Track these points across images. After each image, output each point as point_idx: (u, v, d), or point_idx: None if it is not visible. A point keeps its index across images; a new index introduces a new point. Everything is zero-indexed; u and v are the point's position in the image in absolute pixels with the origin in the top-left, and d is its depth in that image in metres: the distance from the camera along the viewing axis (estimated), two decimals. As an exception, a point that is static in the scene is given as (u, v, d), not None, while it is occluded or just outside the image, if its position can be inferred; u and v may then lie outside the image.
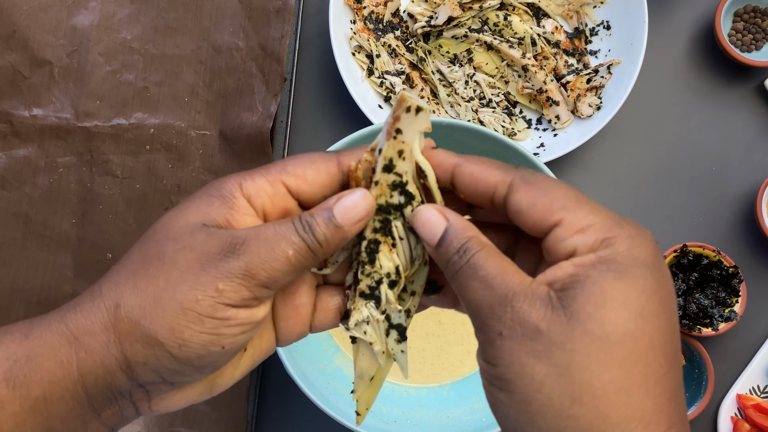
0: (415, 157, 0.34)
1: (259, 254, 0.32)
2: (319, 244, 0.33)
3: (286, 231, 0.33)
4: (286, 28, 0.67)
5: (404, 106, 0.32)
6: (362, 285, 0.35)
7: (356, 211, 0.34)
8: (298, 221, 0.33)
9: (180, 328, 0.32)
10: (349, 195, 0.34)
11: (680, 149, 0.71)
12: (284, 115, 0.69)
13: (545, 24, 0.70)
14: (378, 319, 0.36)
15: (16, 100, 0.67)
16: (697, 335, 0.64)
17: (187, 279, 0.32)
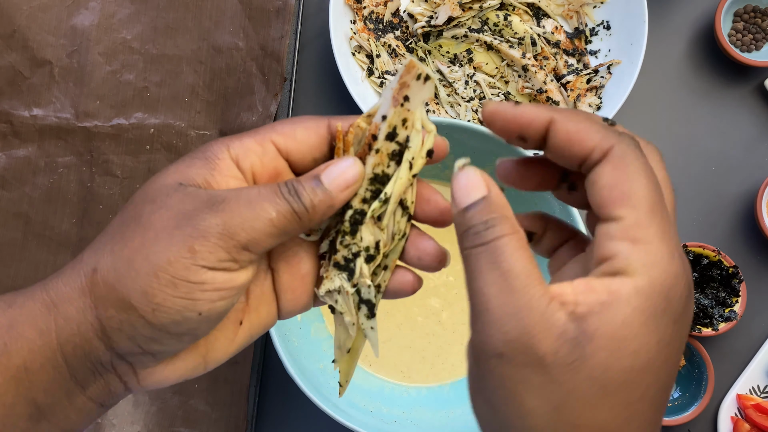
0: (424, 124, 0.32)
1: (239, 213, 0.31)
2: (305, 209, 0.32)
3: (269, 193, 0.32)
4: (286, 28, 0.67)
5: (414, 74, 0.31)
6: (338, 255, 0.34)
7: (344, 178, 0.32)
8: (284, 185, 0.32)
9: (153, 291, 0.30)
10: (339, 162, 0.33)
11: (680, 149, 0.71)
12: (284, 115, 0.69)
13: (545, 24, 0.70)
14: (348, 291, 0.34)
15: (16, 100, 0.67)
16: (697, 335, 0.64)
17: (161, 239, 0.31)
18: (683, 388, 0.67)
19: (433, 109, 0.69)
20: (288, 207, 0.31)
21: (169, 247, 0.30)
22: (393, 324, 0.64)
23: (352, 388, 0.60)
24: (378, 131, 0.32)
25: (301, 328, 0.60)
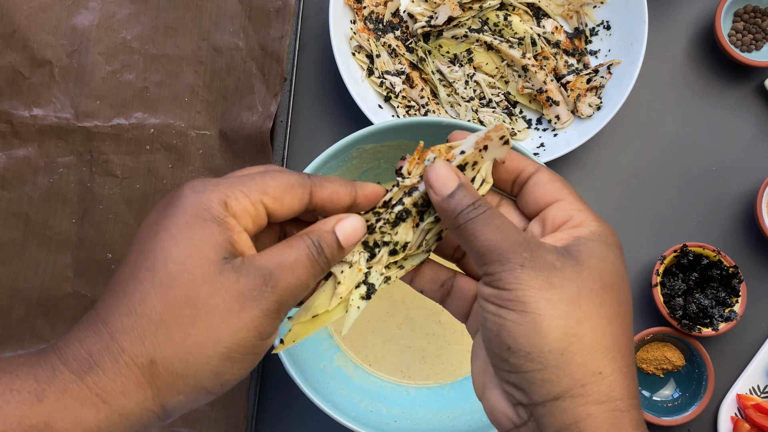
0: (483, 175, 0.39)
1: (288, 286, 0.34)
2: (328, 264, 0.37)
3: (302, 256, 0.35)
4: (286, 28, 0.67)
5: (499, 134, 0.38)
6: (371, 237, 0.39)
7: (356, 236, 0.38)
8: (312, 244, 0.36)
9: (224, 371, 0.33)
10: (348, 219, 0.38)
11: (680, 149, 0.71)
12: (284, 115, 0.69)
13: (545, 24, 0.70)
14: (361, 268, 0.39)
15: (16, 100, 0.67)
16: (697, 335, 0.64)
17: (230, 322, 0.33)
18: (683, 388, 0.67)
19: (433, 109, 0.69)
20: (318, 268, 0.36)
21: (239, 330, 0.33)
22: (393, 324, 0.64)
23: (352, 388, 0.60)
24: (452, 159, 0.38)
25: (301, 328, 0.60)
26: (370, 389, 0.61)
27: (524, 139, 0.69)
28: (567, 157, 0.70)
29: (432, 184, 0.37)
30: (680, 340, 0.66)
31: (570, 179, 0.70)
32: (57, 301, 0.65)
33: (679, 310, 0.64)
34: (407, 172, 0.40)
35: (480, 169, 0.39)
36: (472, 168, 0.38)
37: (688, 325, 0.64)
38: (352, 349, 0.63)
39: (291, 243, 0.36)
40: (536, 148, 0.68)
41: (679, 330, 0.65)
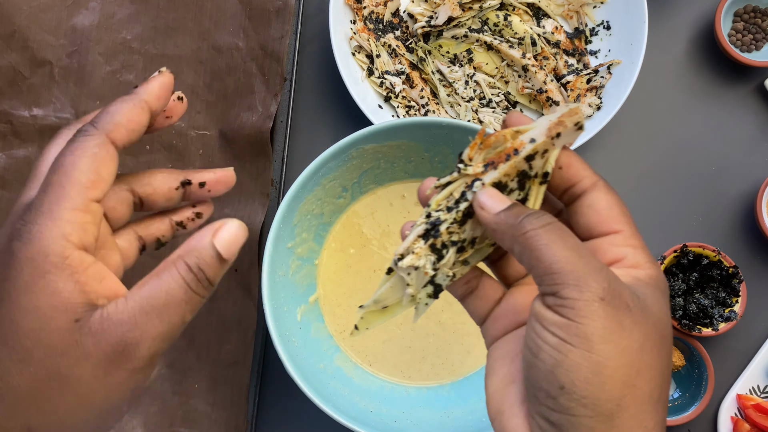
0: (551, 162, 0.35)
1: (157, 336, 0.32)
2: (212, 286, 0.34)
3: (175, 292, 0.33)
4: (286, 28, 0.67)
5: (574, 120, 0.34)
6: (439, 240, 0.36)
7: (238, 242, 0.35)
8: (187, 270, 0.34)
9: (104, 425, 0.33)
10: (225, 227, 0.35)
11: (680, 149, 0.71)
12: (284, 115, 0.69)
13: (545, 24, 0.70)
14: (428, 272, 0.36)
15: (16, 100, 0.67)
16: (697, 335, 0.64)
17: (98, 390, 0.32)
18: (683, 388, 0.67)
19: (433, 109, 0.69)
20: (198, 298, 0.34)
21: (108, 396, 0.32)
22: (393, 324, 0.64)
23: (352, 388, 0.60)
24: (522, 148, 0.34)
25: (301, 328, 0.60)
26: (370, 389, 0.61)
27: (524, 139, 0.69)
28: (567, 157, 0.70)
29: (485, 202, 0.34)
30: (680, 340, 0.66)
31: (570, 179, 0.70)
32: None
33: (679, 310, 0.64)
34: (468, 159, 0.36)
35: (550, 157, 0.35)
36: (542, 157, 0.35)
37: (688, 325, 0.64)
38: (352, 349, 0.63)
39: (161, 275, 0.33)
40: (536, 148, 0.68)
41: (679, 330, 0.65)
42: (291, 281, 0.60)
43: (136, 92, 0.38)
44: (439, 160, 0.61)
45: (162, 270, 0.34)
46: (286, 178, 0.69)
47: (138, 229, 0.42)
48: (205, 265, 0.34)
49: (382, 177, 0.63)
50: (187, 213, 0.42)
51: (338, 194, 0.62)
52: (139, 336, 0.32)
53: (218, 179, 0.41)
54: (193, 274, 0.34)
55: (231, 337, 0.65)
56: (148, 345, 0.32)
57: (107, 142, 0.35)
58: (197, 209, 0.43)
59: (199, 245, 0.34)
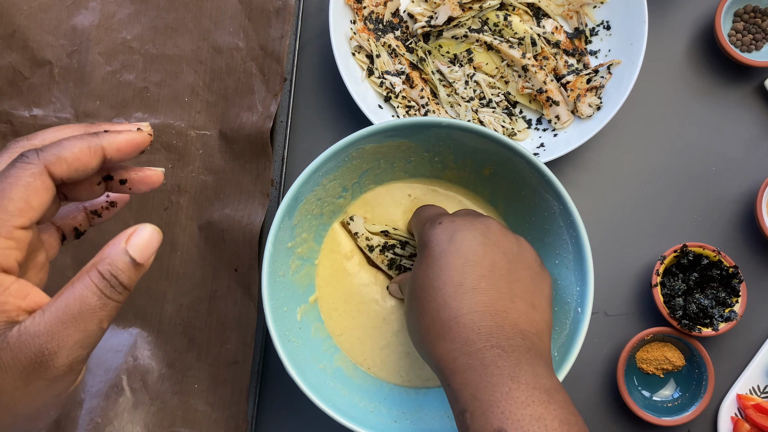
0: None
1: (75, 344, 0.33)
2: (127, 290, 0.35)
3: (89, 300, 0.34)
4: (286, 28, 0.67)
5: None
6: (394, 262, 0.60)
7: (152, 246, 0.36)
8: (100, 278, 0.34)
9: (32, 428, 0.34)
10: (138, 232, 0.36)
11: (680, 149, 0.71)
12: (284, 115, 0.69)
13: (545, 24, 0.70)
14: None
15: (16, 100, 0.67)
16: (697, 335, 0.64)
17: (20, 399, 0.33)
18: (683, 388, 0.67)
19: (433, 109, 0.69)
20: (114, 304, 0.35)
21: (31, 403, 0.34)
22: (389, 331, 0.64)
23: (352, 388, 0.60)
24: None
25: (301, 328, 0.60)
26: (370, 389, 0.61)
27: (524, 139, 0.69)
28: (567, 157, 0.70)
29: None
30: (680, 340, 0.66)
31: (570, 179, 0.70)
32: (57, 301, 0.65)
33: (679, 310, 0.64)
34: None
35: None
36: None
37: (688, 325, 0.64)
38: (351, 354, 0.63)
39: (75, 284, 0.34)
40: (536, 148, 0.68)
41: (679, 330, 0.65)
42: (291, 281, 0.60)
43: (99, 135, 0.38)
44: (439, 160, 0.61)
45: (76, 279, 0.35)
46: (286, 178, 0.69)
47: (55, 220, 0.43)
48: (118, 271, 0.35)
49: (382, 177, 0.63)
50: (100, 202, 0.43)
51: (338, 194, 0.62)
52: (56, 346, 0.33)
53: (141, 179, 0.42)
54: (106, 281, 0.34)
55: (231, 337, 0.65)
56: (66, 354, 0.33)
57: (44, 174, 0.36)
58: (111, 199, 0.44)
59: (112, 252, 0.36)
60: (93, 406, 0.64)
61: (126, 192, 0.42)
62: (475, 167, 0.61)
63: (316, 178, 0.57)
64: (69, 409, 0.64)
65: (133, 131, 0.40)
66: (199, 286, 0.66)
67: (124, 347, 0.65)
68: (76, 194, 0.41)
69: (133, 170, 0.42)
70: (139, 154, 0.41)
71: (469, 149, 0.59)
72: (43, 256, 0.40)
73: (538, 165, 0.55)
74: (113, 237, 0.69)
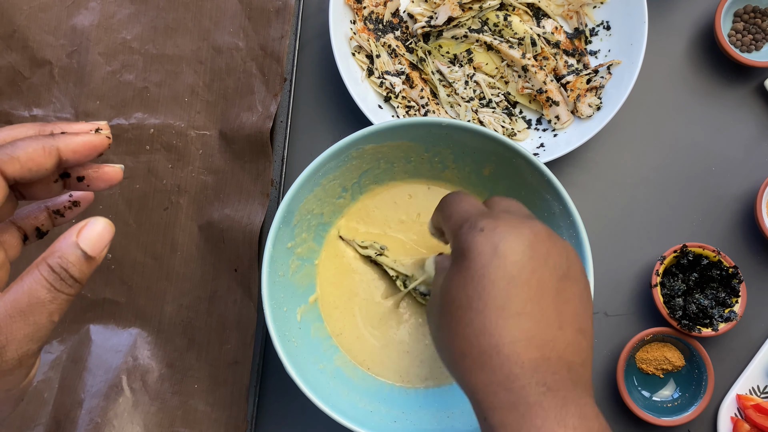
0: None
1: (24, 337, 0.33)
2: (78, 283, 0.35)
3: (39, 293, 0.34)
4: (286, 28, 0.67)
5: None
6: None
7: (104, 239, 0.36)
8: (49, 271, 0.34)
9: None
10: (89, 225, 0.36)
11: (680, 149, 0.71)
12: (284, 115, 0.69)
13: (545, 24, 0.70)
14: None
15: (16, 100, 0.67)
16: (697, 335, 0.64)
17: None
18: (683, 389, 0.67)
19: (433, 109, 0.69)
20: (65, 296, 0.34)
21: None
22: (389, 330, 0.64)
23: (351, 388, 0.60)
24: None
25: (301, 328, 0.60)
26: (370, 389, 0.61)
27: (524, 139, 0.69)
28: (567, 157, 0.70)
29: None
30: (680, 341, 0.66)
31: (570, 179, 0.70)
32: (57, 301, 0.65)
33: (679, 310, 0.64)
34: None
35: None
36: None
37: (688, 325, 0.64)
38: (350, 353, 0.63)
39: (24, 278, 0.34)
40: (536, 148, 0.68)
41: (679, 330, 0.65)
42: (291, 281, 0.60)
43: (55, 137, 0.38)
44: (439, 160, 0.61)
45: (26, 273, 0.35)
46: (286, 178, 0.69)
47: (16, 220, 0.42)
48: (68, 264, 0.35)
49: (382, 177, 0.63)
50: (62, 201, 0.43)
51: (338, 194, 0.62)
52: (4, 340, 0.33)
53: (99, 176, 0.41)
54: (56, 274, 0.34)
55: (231, 337, 0.65)
56: (15, 347, 0.33)
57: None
58: (74, 198, 0.43)
59: (63, 245, 0.35)
60: (93, 406, 0.64)
61: (84, 189, 0.41)
62: (475, 167, 0.61)
63: (316, 178, 0.57)
64: (69, 409, 0.64)
65: (91, 134, 0.39)
66: (199, 286, 0.66)
67: (124, 347, 0.65)
68: (34, 193, 0.40)
69: (91, 167, 0.41)
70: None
71: (469, 149, 0.59)
72: (0, 255, 0.40)
73: (538, 165, 0.55)
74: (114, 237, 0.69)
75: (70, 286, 0.35)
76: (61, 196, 0.43)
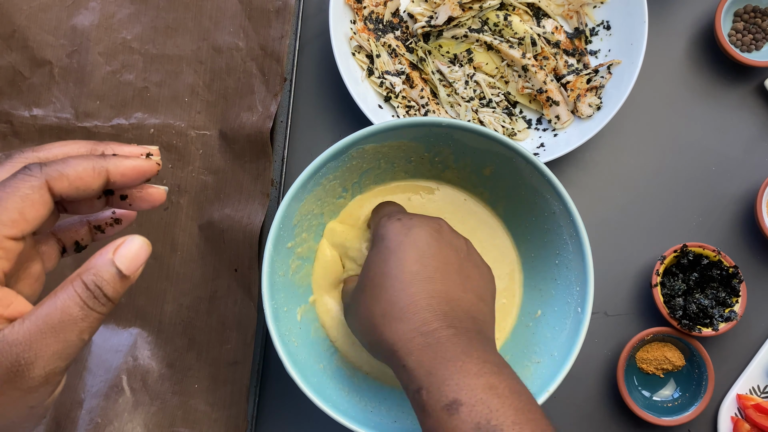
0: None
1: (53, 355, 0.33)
2: (111, 302, 0.35)
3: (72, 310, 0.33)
4: (286, 28, 0.67)
5: None
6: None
7: (140, 258, 0.36)
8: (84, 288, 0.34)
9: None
10: (126, 244, 0.36)
11: (680, 149, 0.71)
12: (284, 115, 0.69)
13: (545, 24, 0.70)
14: None
15: (16, 100, 0.67)
16: (697, 335, 0.64)
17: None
18: (683, 388, 0.67)
19: (433, 109, 0.69)
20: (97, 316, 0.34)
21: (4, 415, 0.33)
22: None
23: (351, 388, 0.60)
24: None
25: (301, 328, 0.60)
26: (370, 389, 0.61)
27: (524, 139, 0.69)
28: (567, 157, 0.70)
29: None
30: (680, 340, 0.66)
31: (570, 179, 0.70)
32: (57, 301, 0.65)
33: (679, 310, 0.64)
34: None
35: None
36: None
37: (688, 325, 0.64)
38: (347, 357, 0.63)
39: (57, 294, 0.34)
40: (536, 148, 0.68)
41: (679, 330, 0.65)
42: (291, 281, 0.60)
43: (106, 158, 0.38)
44: (439, 160, 0.61)
45: (60, 289, 0.34)
46: (286, 178, 0.69)
47: (56, 232, 0.42)
48: (103, 282, 0.34)
49: (382, 177, 0.63)
50: (105, 217, 0.43)
51: (338, 194, 0.62)
52: (33, 356, 0.32)
53: (142, 196, 0.41)
54: (90, 292, 0.34)
55: (231, 337, 0.65)
56: (43, 364, 0.33)
57: (44, 188, 0.36)
58: (117, 215, 0.43)
59: (99, 263, 0.35)
60: (93, 406, 0.64)
61: (126, 208, 0.41)
62: (475, 167, 0.61)
63: (316, 178, 0.57)
64: (69, 409, 0.64)
65: (141, 159, 0.39)
66: (199, 286, 0.66)
67: (124, 347, 0.65)
68: (76, 207, 0.40)
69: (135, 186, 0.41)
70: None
71: (469, 149, 0.59)
72: (38, 267, 0.39)
73: (538, 165, 0.55)
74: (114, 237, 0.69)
75: (103, 305, 0.34)
76: (103, 212, 0.43)
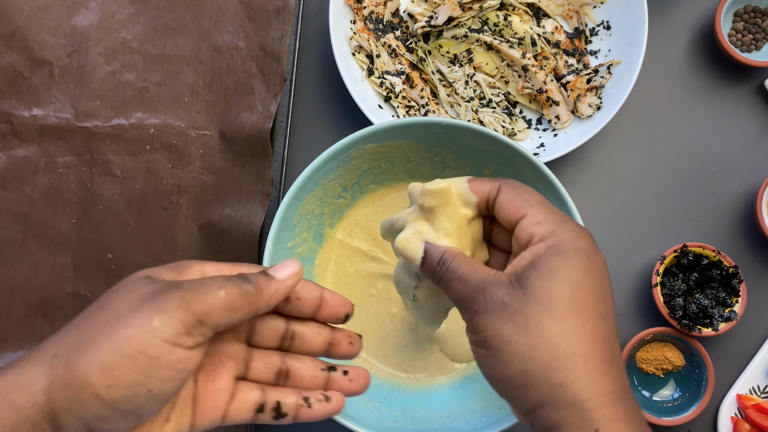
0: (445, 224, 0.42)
1: (193, 288, 0.35)
2: (253, 289, 0.37)
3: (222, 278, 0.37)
4: (286, 28, 0.67)
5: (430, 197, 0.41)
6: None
7: (289, 269, 0.39)
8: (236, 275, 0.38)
9: (112, 366, 0.33)
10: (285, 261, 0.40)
11: (680, 149, 0.71)
12: (284, 115, 0.69)
13: (545, 24, 0.70)
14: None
15: (16, 100, 0.67)
16: (697, 335, 0.64)
17: (124, 317, 0.34)
18: (683, 388, 0.67)
19: (433, 109, 0.69)
20: (236, 288, 0.37)
21: (131, 323, 0.34)
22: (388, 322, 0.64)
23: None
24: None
25: (301, 328, 0.60)
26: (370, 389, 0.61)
27: (524, 139, 0.69)
28: (567, 157, 0.70)
29: (408, 258, 0.41)
30: (680, 340, 0.66)
31: (570, 179, 0.70)
32: (57, 301, 0.65)
33: (679, 310, 0.64)
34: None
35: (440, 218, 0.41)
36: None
37: (688, 325, 0.64)
38: None
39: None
40: (536, 148, 0.68)
41: (679, 330, 0.65)
42: (291, 281, 0.60)
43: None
44: (439, 160, 0.61)
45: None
46: (286, 178, 0.69)
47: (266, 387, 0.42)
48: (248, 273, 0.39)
49: (382, 177, 0.63)
50: (316, 393, 0.43)
51: (338, 194, 0.62)
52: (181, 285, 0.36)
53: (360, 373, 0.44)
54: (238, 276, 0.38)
55: (231, 337, 0.65)
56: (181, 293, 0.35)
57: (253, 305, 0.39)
58: (329, 393, 0.43)
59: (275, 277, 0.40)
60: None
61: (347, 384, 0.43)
62: (475, 167, 0.61)
63: (316, 178, 0.57)
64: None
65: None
66: (199, 286, 0.66)
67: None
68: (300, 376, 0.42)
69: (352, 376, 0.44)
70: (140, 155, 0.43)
71: (469, 149, 0.59)
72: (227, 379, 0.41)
73: (538, 165, 0.55)
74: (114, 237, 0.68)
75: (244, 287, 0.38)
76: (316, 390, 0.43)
